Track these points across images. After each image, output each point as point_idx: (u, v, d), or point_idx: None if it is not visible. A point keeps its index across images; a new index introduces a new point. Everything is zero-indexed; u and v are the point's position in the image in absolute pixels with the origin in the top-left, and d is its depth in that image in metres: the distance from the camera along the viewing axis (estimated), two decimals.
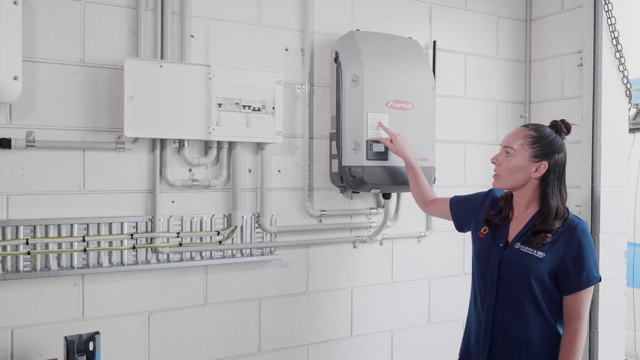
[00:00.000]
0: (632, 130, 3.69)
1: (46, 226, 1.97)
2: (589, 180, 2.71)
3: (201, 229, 2.23)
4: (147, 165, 2.13)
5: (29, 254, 1.93)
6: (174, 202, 2.18)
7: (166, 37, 2.13)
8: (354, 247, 2.59)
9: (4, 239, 1.91)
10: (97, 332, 1.78)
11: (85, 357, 1.75)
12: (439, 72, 2.75)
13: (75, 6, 2.01)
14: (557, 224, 1.74)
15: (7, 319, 1.93)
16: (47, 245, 1.97)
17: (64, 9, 1.99)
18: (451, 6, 2.83)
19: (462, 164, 2.88)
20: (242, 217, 2.31)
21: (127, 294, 2.11)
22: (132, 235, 2.09)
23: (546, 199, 1.77)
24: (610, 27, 2.70)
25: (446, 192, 2.33)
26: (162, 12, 2.13)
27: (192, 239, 2.22)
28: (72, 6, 2.01)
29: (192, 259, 2.22)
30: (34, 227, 1.95)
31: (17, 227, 1.92)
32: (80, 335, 1.76)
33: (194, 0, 2.21)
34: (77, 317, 2.03)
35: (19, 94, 1.82)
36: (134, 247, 2.10)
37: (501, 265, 1.79)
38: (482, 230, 1.89)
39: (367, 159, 2.29)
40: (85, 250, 2.01)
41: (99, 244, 2.05)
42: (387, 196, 2.53)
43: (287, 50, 2.41)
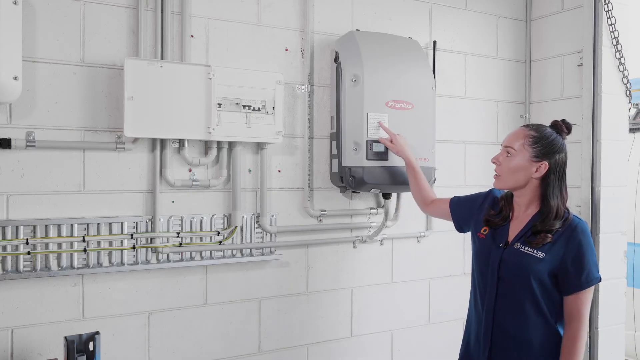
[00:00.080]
0: (632, 130, 3.69)
1: (46, 226, 1.97)
2: (589, 180, 2.71)
3: (201, 229, 2.23)
4: (147, 165, 2.13)
5: (29, 254, 1.93)
6: (174, 202, 2.18)
7: (166, 37, 2.14)
8: (354, 247, 2.59)
9: (4, 239, 1.91)
10: (97, 332, 1.78)
11: (85, 357, 1.75)
12: (439, 72, 2.75)
13: (75, 6, 2.01)
14: (557, 224, 1.74)
15: (7, 319, 1.93)
16: (47, 245, 1.97)
17: (64, 9, 1.99)
18: (451, 6, 2.83)
19: (462, 164, 2.88)
20: (242, 217, 2.31)
21: (127, 294, 2.11)
22: (132, 235, 2.09)
23: (547, 199, 1.77)
24: (610, 27, 2.70)
25: (446, 192, 2.33)
26: (162, 12, 2.13)
27: (192, 239, 2.22)
28: (72, 6, 2.01)
29: (192, 259, 2.22)
30: (34, 227, 1.95)
31: (17, 227, 1.92)
32: (80, 335, 1.76)
33: (194, 0, 2.21)
34: (77, 317, 2.03)
35: (19, 94, 1.82)
36: (134, 247, 2.10)
37: (501, 265, 1.79)
38: (482, 230, 1.89)
39: (367, 159, 2.29)
40: (85, 250, 2.01)
41: (99, 244, 2.05)
42: (387, 196, 2.53)
43: (287, 50, 2.41)
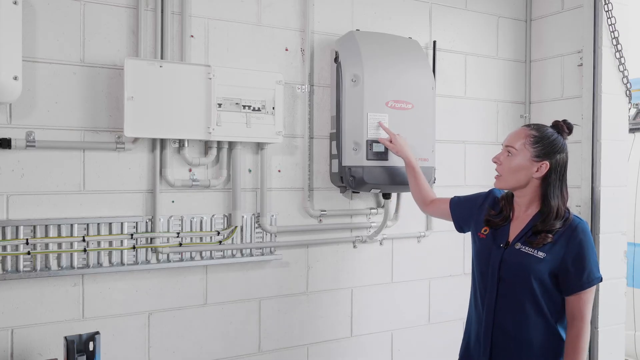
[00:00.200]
0: (632, 130, 3.69)
1: (46, 226, 1.97)
2: (589, 180, 2.71)
3: (201, 229, 2.23)
4: (147, 165, 2.13)
5: (29, 254, 1.93)
6: (174, 202, 2.18)
7: (166, 37, 2.13)
8: (354, 247, 2.59)
9: (4, 239, 1.91)
10: (97, 332, 1.78)
11: (85, 357, 1.75)
12: (439, 72, 2.75)
13: (75, 6, 2.01)
14: (557, 224, 1.74)
15: (7, 319, 1.93)
16: (47, 245, 1.97)
17: (64, 9, 1.99)
18: (451, 6, 2.83)
19: (462, 164, 2.88)
20: (242, 217, 2.31)
21: (127, 294, 2.11)
22: (132, 235, 2.09)
23: (547, 199, 1.77)
24: (610, 27, 2.70)
25: (446, 192, 2.33)
26: (162, 12, 2.13)
27: (192, 239, 2.22)
28: (72, 6, 2.01)
29: (192, 259, 2.22)
30: (34, 227, 1.95)
31: (17, 227, 1.92)
32: (80, 335, 1.76)
33: (194, 0, 2.21)
34: (77, 317, 2.03)
35: (19, 94, 1.82)
36: (134, 247, 2.10)
37: (502, 265, 1.79)
38: (482, 230, 1.89)
39: (367, 159, 2.29)
40: (85, 250, 2.01)
41: (99, 244, 2.05)
42: (387, 196, 2.53)
43: (287, 50, 2.41)
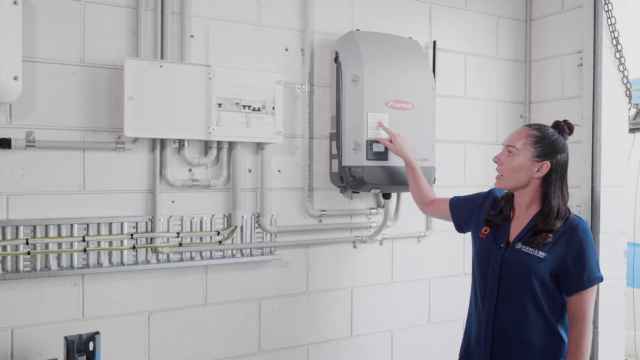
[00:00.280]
0: (632, 130, 3.68)
1: (46, 226, 1.97)
2: (589, 180, 2.71)
3: (201, 229, 2.23)
4: (147, 165, 2.13)
5: (29, 254, 1.93)
6: (174, 202, 2.18)
7: (166, 37, 2.13)
8: (354, 247, 2.59)
9: (4, 239, 1.91)
10: (97, 332, 1.78)
11: (85, 357, 1.75)
12: (439, 72, 2.75)
13: (75, 6, 2.01)
14: (558, 224, 1.74)
15: (7, 319, 1.93)
16: (47, 245, 1.97)
17: (64, 9, 1.99)
18: (451, 6, 2.83)
19: (462, 164, 2.88)
20: (242, 217, 2.31)
21: (127, 294, 2.11)
22: (132, 235, 2.09)
23: (548, 199, 1.77)
24: (610, 27, 2.70)
25: (446, 192, 2.33)
26: (162, 12, 2.13)
27: (192, 239, 2.22)
28: (72, 6, 2.01)
29: (192, 259, 2.22)
30: (34, 227, 1.95)
31: (17, 227, 1.92)
32: (80, 335, 1.76)
33: (194, 0, 2.21)
34: (77, 317, 2.03)
35: (19, 94, 1.82)
36: (134, 247, 2.10)
37: (502, 265, 1.79)
38: (482, 230, 1.88)
39: (367, 159, 2.29)
40: (85, 250, 2.01)
41: (99, 244, 2.05)
42: (387, 196, 2.53)
43: (287, 50, 2.41)
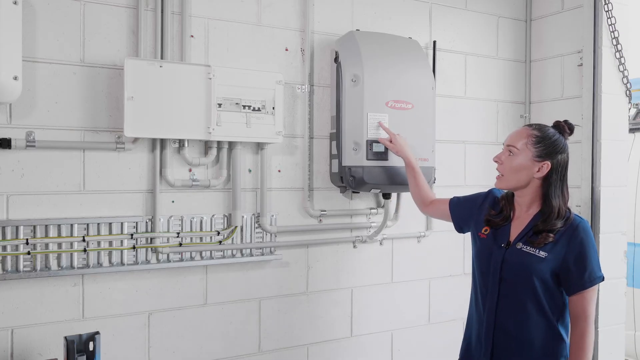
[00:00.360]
0: (632, 130, 3.69)
1: (46, 226, 1.97)
2: (589, 180, 2.71)
3: (201, 229, 2.23)
4: (147, 165, 2.13)
5: (29, 254, 1.93)
6: (174, 202, 2.18)
7: (166, 37, 2.13)
8: (354, 247, 2.59)
9: (4, 239, 1.91)
10: (97, 332, 1.78)
11: (85, 357, 1.75)
12: (439, 72, 2.75)
13: (75, 6, 2.01)
14: (559, 224, 1.74)
15: (7, 319, 1.93)
16: (47, 245, 1.97)
17: (64, 9, 1.99)
18: (451, 6, 2.83)
19: (462, 164, 2.88)
20: (242, 217, 2.31)
21: (127, 294, 2.11)
22: (132, 235, 2.09)
23: (548, 199, 1.77)
24: (610, 27, 2.70)
25: (446, 192, 2.33)
26: (162, 12, 2.13)
27: (192, 239, 2.22)
28: (72, 6, 2.01)
29: (192, 259, 2.22)
30: (34, 227, 1.95)
31: (17, 227, 1.92)
32: (80, 335, 1.76)
33: (194, 0, 2.21)
34: (77, 317, 2.03)
35: (19, 94, 1.82)
36: (134, 247, 2.10)
37: (503, 265, 1.78)
38: (483, 230, 1.88)
39: (367, 159, 2.29)
40: (85, 250, 2.01)
41: (99, 244, 2.05)
42: (387, 196, 2.53)
43: (287, 50, 2.41)
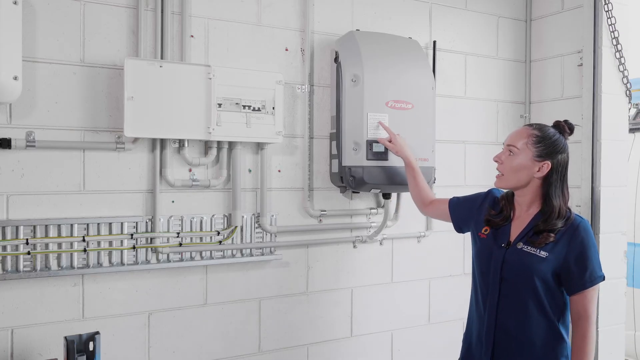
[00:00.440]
0: (632, 130, 3.68)
1: (46, 226, 1.97)
2: (589, 180, 2.71)
3: (201, 229, 2.23)
4: (147, 165, 2.13)
5: (29, 254, 1.93)
6: (174, 202, 2.18)
7: (166, 37, 2.13)
8: (354, 247, 2.59)
9: (4, 239, 1.91)
10: (97, 332, 1.78)
11: (85, 357, 1.75)
12: (439, 72, 2.75)
13: (75, 6, 2.01)
14: (559, 224, 1.74)
15: (7, 319, 1.93)
16: (47, 245, 1.97)
17: (64, 9, 1.99)
18: (451, 6, 2.83)
19: (462, 164, 2.88)
20: (242, 217, 2.31)
21: (127, 294, 2.11)
22: (132, 235, 2.09)
23: (549, 199, 1.77)
24: (610, 27, 2.70)
25: (446, 192, 2.33)
26: (162, 12, 2.13)
27: (192, 239, 2.22)
28: (72, 6, 2.01)
29: (192, 259, 2.22)
30: (34, 227, 1.95)
31: (17, 227, 1.92)
32: (80, 335, 1.76)
33: (194, 0, 2.21)
34: (77, 317, 2.03)
35: (19, 94, 1.82)
36: (134, 247, 2.10)
37: (504, 265, 1.78)
38: (483, 230, 1.88)
39: (367, 159, 2.29)
40: (85, 250, 2.01)
41: (99, 244, 2.05)
42: (387, 196, 2.53)
43: (287, 50, 2.41)
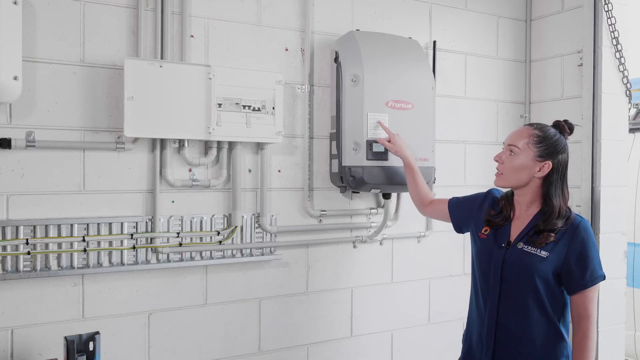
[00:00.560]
0: (632, 130, 3.69)
1: (46, 226, 1.97)
2: (589, 180, 2.71)
3: (201, 229, 2.23)
4: (147, 165, 2.13)
5: (29, 254, 1.93)
6: (174, 202, 2.18)
7: (166, 37, 2.13)
8: (354, 247, 2.59)
9: (4, 239, 1.91)
10: (97, 332, 1.78)
11: (85, 357, 1.75)
12: (439, 72, 2.75)
13: (75, 6, 2.01)
14: (559, 223, 1.74)
15: (7, 319, 1.93)
16: (47, 245, 1.97)
17: (64, 9, 1.99)
18: (451, 6, 2.83)
19: (462, 164, 2.88)
20: (242, 217, 2.31)
21: (127, 294, 2.11)
22: (132, 235, 2.09)
23: (549, 199, 1.77)
24: (610, 27, 2.70)
25: (446, 192, 2.33)
26: (162, 12, 2.13)
27: (192, 239, 2.22)
28: (72, 6, 2.01)
29: (192, 259, 2.22)
30: (34, 227, 1.95)
31: (17, 227, 1.92)
32: (80, 335, 1.76)
33: (194, 0, 2.21)
34: (77, 317, 2.03)
35: (19, 94, 1.82)
36: (134, 247, 2.10)
37: (504, 265, 1.78)
38: (483, 230, 1.88)
39: (367, 159, 2.29)
40: (85, 250, 2.01)
41: (99, 244, 2.05)
42: (387, 196, 2.53)
43: (287, 50, 2.41)
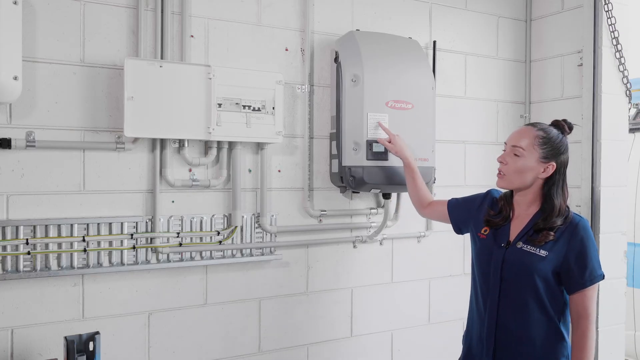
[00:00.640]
0: (632, 130, 3.69)
1: (46, 226, 1.97)
2: (589, 180, 2.71)
3: (201, 229, 2.23)
4: (147, 165, 2.13)
5: (29, 254, 1.93)
6: (174, 202, 2.18)
7: (166, 37, 2.13)
8: (354, 247, 2.59)
9: (4, 239, 1.91)
10: (97, 332, 1.78)
11: (85, 357, 1.75)
12: (439, 72, 2.75)
13: (75, 6, 2.01)
14: (559, 222, 1.75)
15: (7, 319, 1.93)
16: (47, 245, 1.97)
17: (64, 9, 1.99)
18: (451, 6, 2.83)
19: (462, 164, 2.88)
20: (242, 217, 2.31)
21: (127, 294, 2.11)
22: (132, 235, 2.09)
23: (550, 198, 1.77)
24: (610, 27, 2.70)
25: (446, 192, 2.34)
26: (162, 12, 2.13)
27: (192, 239, 2.22)
28: (72, 6, 2.01)
29: (192, 259, 2.22)
30: (34, 227, 1.95)
31: (17, 227, 1.92)
32: (80, 335, 1.76)
33: (194, 0, 2.21)
34: (77, 317, 2.03)
35: (19, 94, 1.82)
36: (134, 247, 2.10)
37: (504, 265, 1.78)
38: (482, 230, 1.88)
39: (367, 159, 2.29)
40: (85, 250, 2.01)
41: (99, 244, 2.05)
42: (387, 196, 2.53)
43: (287, 50, 2.41)
